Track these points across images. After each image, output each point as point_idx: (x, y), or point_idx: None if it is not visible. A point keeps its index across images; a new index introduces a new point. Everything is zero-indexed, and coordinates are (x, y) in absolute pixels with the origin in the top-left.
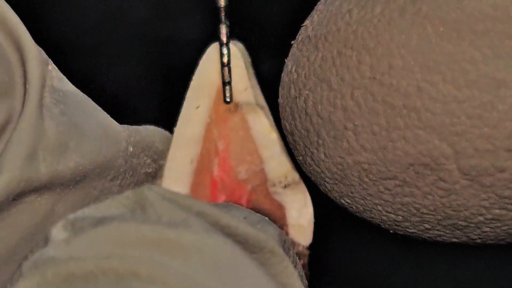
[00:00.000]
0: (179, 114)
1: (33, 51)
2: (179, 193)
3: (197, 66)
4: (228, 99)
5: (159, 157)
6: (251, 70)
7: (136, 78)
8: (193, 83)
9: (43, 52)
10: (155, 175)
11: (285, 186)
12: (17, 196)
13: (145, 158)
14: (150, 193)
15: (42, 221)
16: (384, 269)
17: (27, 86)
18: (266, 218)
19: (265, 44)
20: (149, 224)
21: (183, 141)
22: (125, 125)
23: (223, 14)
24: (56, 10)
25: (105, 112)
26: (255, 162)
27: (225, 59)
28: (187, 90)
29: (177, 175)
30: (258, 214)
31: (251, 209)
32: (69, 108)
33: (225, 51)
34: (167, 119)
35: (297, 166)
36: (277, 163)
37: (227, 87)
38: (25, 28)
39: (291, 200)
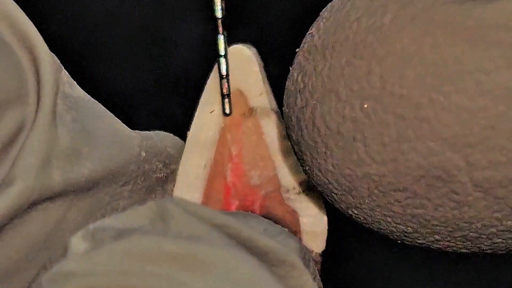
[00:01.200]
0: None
1: (47, 58)
2: (200, 206)
3: (211, 70)
4: (227, 111)
5: (170, 162)
6: (264, 75)
7: (135, 78)
8: (208, 87)
9: (56, 58)
10: (166, 180)
11: (299, 193)
12: (31, 204)
13: (157, 163)
14: (171, 205)
15: (54, 228)
16: (396, 275)
17: (40, 93)
18: (286, 230)
19: (269, 50)
20: (169, 238)
21: (196, 146)
22: (137, 131)
23: (220, 25)
24: (56, 10)
25: (116, 118)
26: (268, 167)
27: (224, 71)
28: (201, 93)
29: (190, 180)
30: (278, 225)
31: (264, 215)
32: (80, 114)
33: (223, 63)
34: (167, 117)
35: None
36: (290, 169)
37: (226, 100)
38: (39, 34)
39: (305, 206)
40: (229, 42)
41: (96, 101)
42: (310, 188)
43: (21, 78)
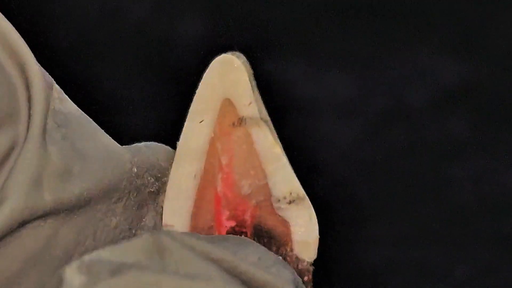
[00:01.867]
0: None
1: (38, 76)
2: (197, 239)
3: (200, 79)
4: None
5: (162, 175)
6: (254, 83)
7: (133, 78)
8: (197, 97)
9: (47, 75)
10: (158, 193)
11: (290, 202)
12: (21, 223)
13: (149, 178)
14: (167, 238)
15: (45, 246)
16: (388, 282)
17: (31, 111)
18: (280, 258)
19: (264, 51)
20: (167, 275)
21: (186, 156)
22: (127, 146)
23: None
24: (54, 9)
25: (106, 134)
26: (258, 176)
27: None
28: (191, 103)
29: (180, 190)
30: (273, 253)
31: (255, 224)
32: (71, 131)
33: None
34: (164, 118)
35: (301, 181)
36: (281, 178)
37: None
38: (30, 51)
39: (296, 216)
40: (221, 48)
41: (87, 116)
42: (301, 197)
43: (13, 96)
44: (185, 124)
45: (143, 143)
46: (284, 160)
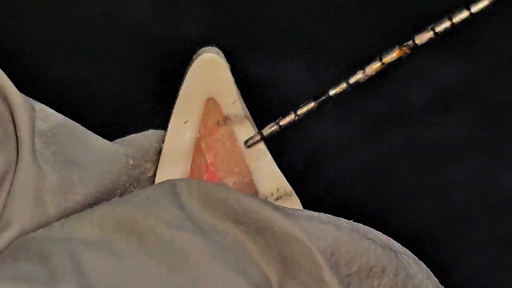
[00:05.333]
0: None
1: (21, 102)
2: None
3: (183, 80)
4: None
5: (158, 157)
6: (233, 79)
7: (133, 79)
8: (180, 97)
9: (27, 98)
10: (155, 174)
11: (277, 198)
12: None
13: (145, 165)
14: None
15: None
16: None
17: (18, 134)
18: None
19: (263, 50)
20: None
21: (172, 157)
22: (118, 140)
23: None
24: (53, 10)
25: (96, 135)
26: (242, 173)
27: None
28: (174, 104)
29: None
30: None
31: None
32: (60, 146)
33: None
34: (164, 118)
35: (300, 182)
36: (266, 174)
37: None
38: (9, 79)
39: None
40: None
41: (73, 122)
42: (289, 193)
43: (3, 125)
44: (169, 125)
45: (133, 135)
46: (268, 156)
